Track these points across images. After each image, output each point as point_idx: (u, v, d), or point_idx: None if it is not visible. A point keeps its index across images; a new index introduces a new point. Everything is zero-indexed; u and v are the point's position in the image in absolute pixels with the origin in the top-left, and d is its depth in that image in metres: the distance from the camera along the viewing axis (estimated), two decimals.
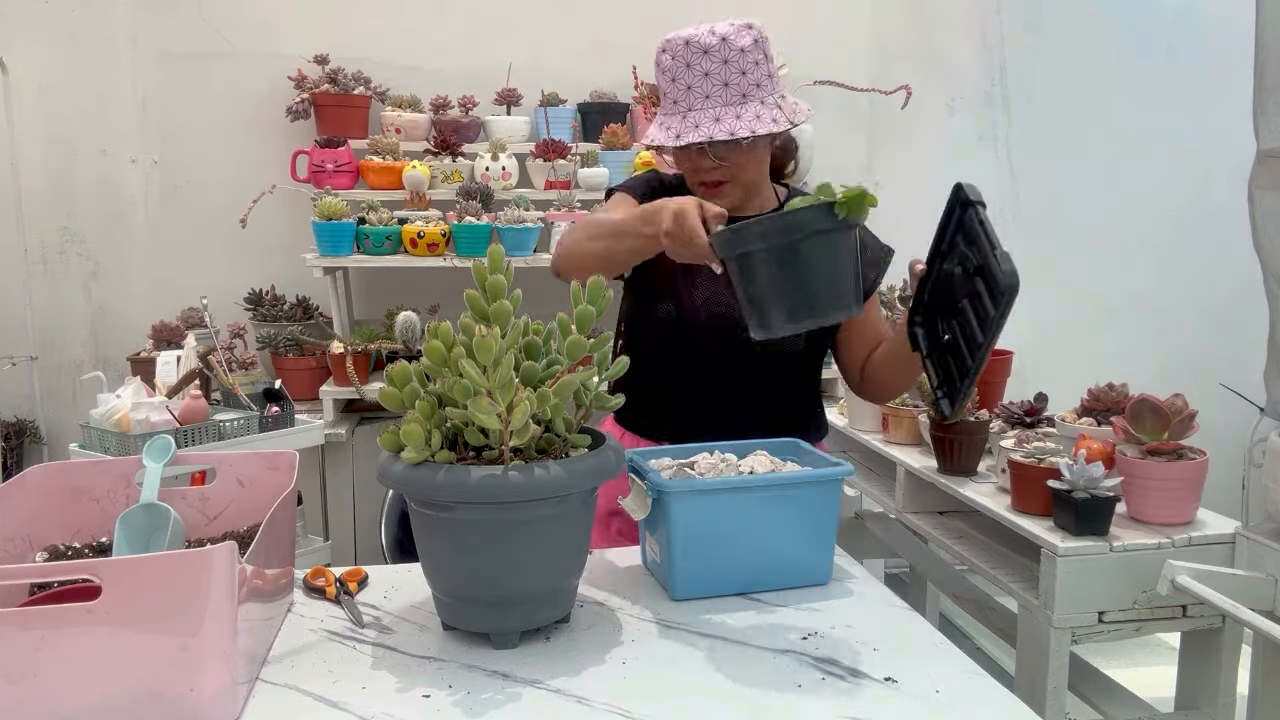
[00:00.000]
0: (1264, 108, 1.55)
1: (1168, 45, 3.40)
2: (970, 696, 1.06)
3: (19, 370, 3.04)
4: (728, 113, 1.51)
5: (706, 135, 1.50)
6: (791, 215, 1.18)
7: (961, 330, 1.35)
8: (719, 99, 1.51)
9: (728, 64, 1.51)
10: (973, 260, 1.31)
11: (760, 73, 1.52)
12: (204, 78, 3.04)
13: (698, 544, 1.28)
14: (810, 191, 1.35)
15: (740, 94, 1.51)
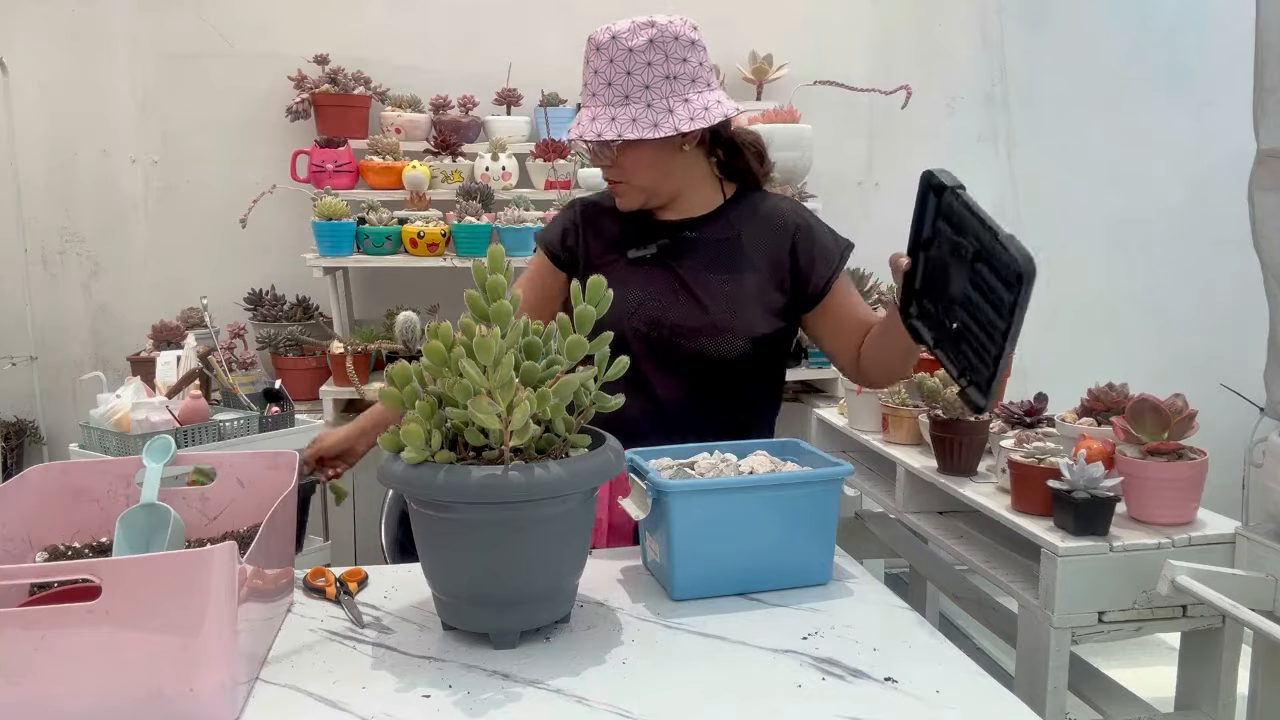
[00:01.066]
0: (1264, 108, 1.55)
1: (1168, 45, 3.40)
2: (970, 696, 1.06)
3: (19, 370, 3.04)
4: (605, 113, 1.52)
5: (578, 133, 1.51)
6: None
7: (975, 318, 1.31)
8: (603, 98, 1.52)
9: (614, 63, 1.51)
10: (968, 247, 1.29)
11: (654, 74, 1.50)
12: (204, 78, 3.04)
13: (698, 544, 1.28)
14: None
15: (623, 95, 1.51)
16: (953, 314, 1.35)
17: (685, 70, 1.52)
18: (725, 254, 1.63)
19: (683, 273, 1.62)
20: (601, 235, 1.67)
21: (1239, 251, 1.83)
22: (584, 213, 1.70)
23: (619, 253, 1.64)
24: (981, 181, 3.40)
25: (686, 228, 1.64)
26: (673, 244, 1.63)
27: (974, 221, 1.27)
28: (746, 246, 1.64)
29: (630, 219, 1.66)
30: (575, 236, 1.68)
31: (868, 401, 2.20)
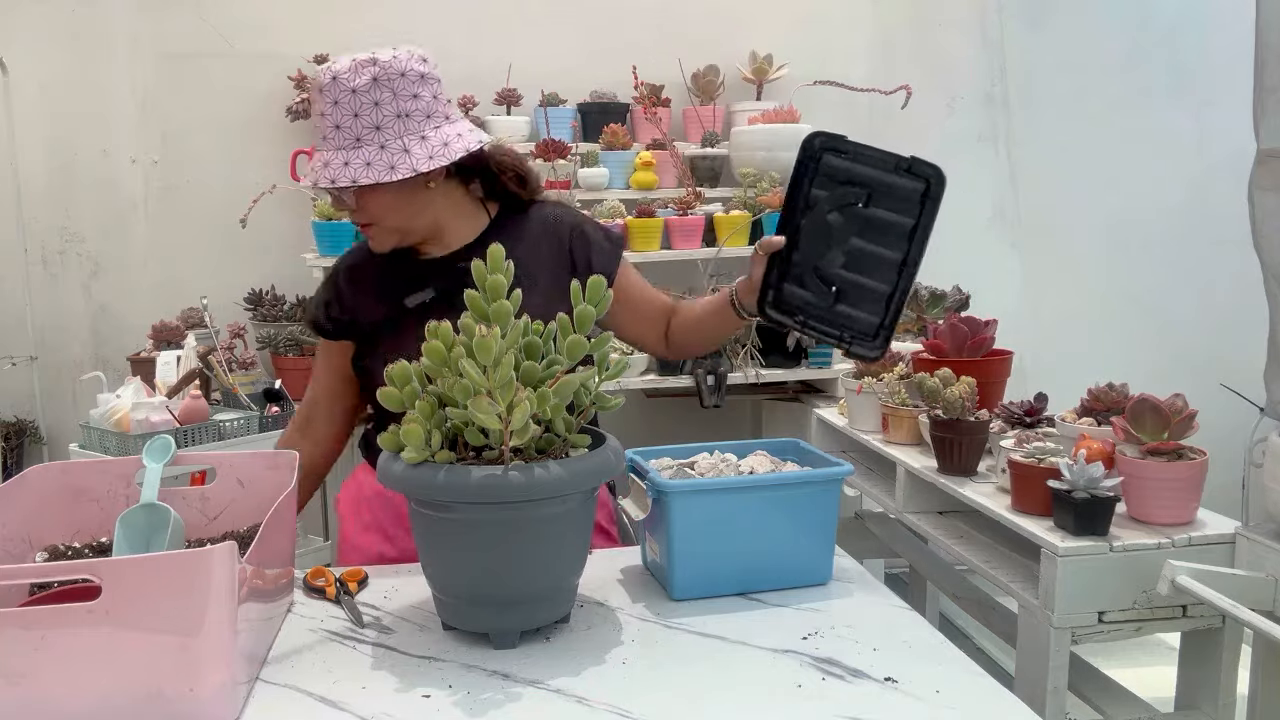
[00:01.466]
0: (1264, 108, 1.55)
1: (1168, 45, 3.40)
2: (970, 696, 1.06)
3: (19, 370, 3.04)
4: (337, 158, 1.42)
5: (312, 180, 1.44)
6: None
7: (860, 269, 1.37)
8: (333, 141, 1.43)
9: (338, 105, 1.41)
10: (857, 194, 1.35)
11: (383, 114, 1.41)
12: (204, 78, 3.04)
13: (698, 544, 1.28)
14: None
15: (354, 137, 1.42)
16: (830, 279, 1.39)
17: (418, 106, 1.43)
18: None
19: (462, 305, 1.55)
20: (370, 291, 1.59)
21: (1239, 251, 1.83)
22: (346, 276, 1.62)
23: (394, 302, 1.56)
24: (981, 182, 3.40)
25: (458, 259, 1.56)
26: (449, 282, 1.54)
27: (865, 166, 1.35)
28: (524, 263, 1.55)
29: (399, 265, 1.58)
30: (339, 306, 1.61)
31: (868, 401, 2.20)
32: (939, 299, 2.60)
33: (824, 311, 1.42)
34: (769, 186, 2.90)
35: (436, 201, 1.53)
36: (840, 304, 1.40)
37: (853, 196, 1.36)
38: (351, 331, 1.61)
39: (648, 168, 3.03)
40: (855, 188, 1.36)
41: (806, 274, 1.42)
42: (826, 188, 1.39)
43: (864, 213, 1.36)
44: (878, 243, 1.36)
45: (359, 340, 1.61)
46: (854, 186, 1.36)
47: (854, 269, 1.38)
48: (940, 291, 2.62)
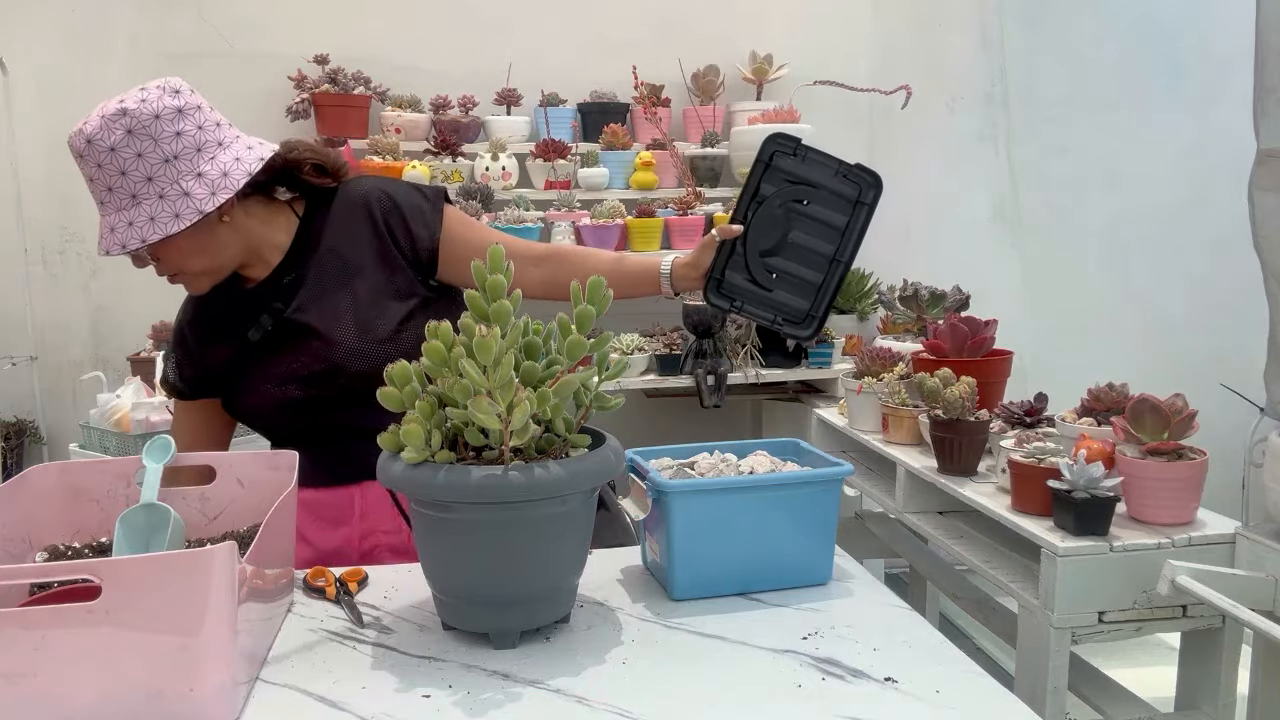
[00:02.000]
0: (1264, 108, 1.55)
1: (1168, 45, 3.40)
2: (970, 696, 1.06)
3: (19, 370, 3.04)
4: (120, 219, 1.39)
5: (104, 250, 1.39)
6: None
7: (799, 260, 1.54)
8: (112, 205, 1.39)
9: (102, 168, 1.37)
10: (799, 192, 1.52)
11: (150, 164, 1.36)
12: (204, 78, 3.02)
13: (698, 544, 1.28)
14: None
15: (129, 195, 1.38)
16: (771, 266, 1.54)
17: (184, 145, 1.38)
18: (331, 274, 1.52)
19: (307, 320, 1.50)
20: (213, 337, 1.55)
21: (1239, 251, 1.83)
22: (189, 331, 1.57)
23: (236, 340, 1.52)
24: (981, 181, 3.41)
25: (281, 275, 1.52)
26: (282, 303, 1.51)
27: (812, 167, 1.52)
28: (344, 251, 1.53)
29: (230, 301, 1.54)
30: (189, 364, 1.56)
31: (868, 401, 2.20)
32: (939, 299, 2.60)
33: (761, 297, 1.56)
34: None
35: (240, 228, 1.47)
36: (777, 291, 1.56)
37: (797, 194, 1.52)
38: (209, 385, 1.56)
39: (648, 168, 3.03)
40: (800, 186, 1.53)
41: (751, 262, 1.55)
42: (775, 184, 1.54)
43: (804, 209, 1.53)
44: (814, 236, 1.53)
45: (219, 390, 1.56)
46: (799, 185, 1.53)
47: (791, 259, 1.55)
48: (940, 291, 2.62)
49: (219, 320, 1.55)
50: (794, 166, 1.53)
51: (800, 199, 1.52)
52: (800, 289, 1.55)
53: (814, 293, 1.55)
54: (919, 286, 2.64)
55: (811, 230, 1.53)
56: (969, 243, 3.36)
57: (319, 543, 1.55)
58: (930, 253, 3.30)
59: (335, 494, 1.54)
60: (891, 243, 3.33)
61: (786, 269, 1.55)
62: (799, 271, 1.54)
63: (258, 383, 1.52)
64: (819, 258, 1.54)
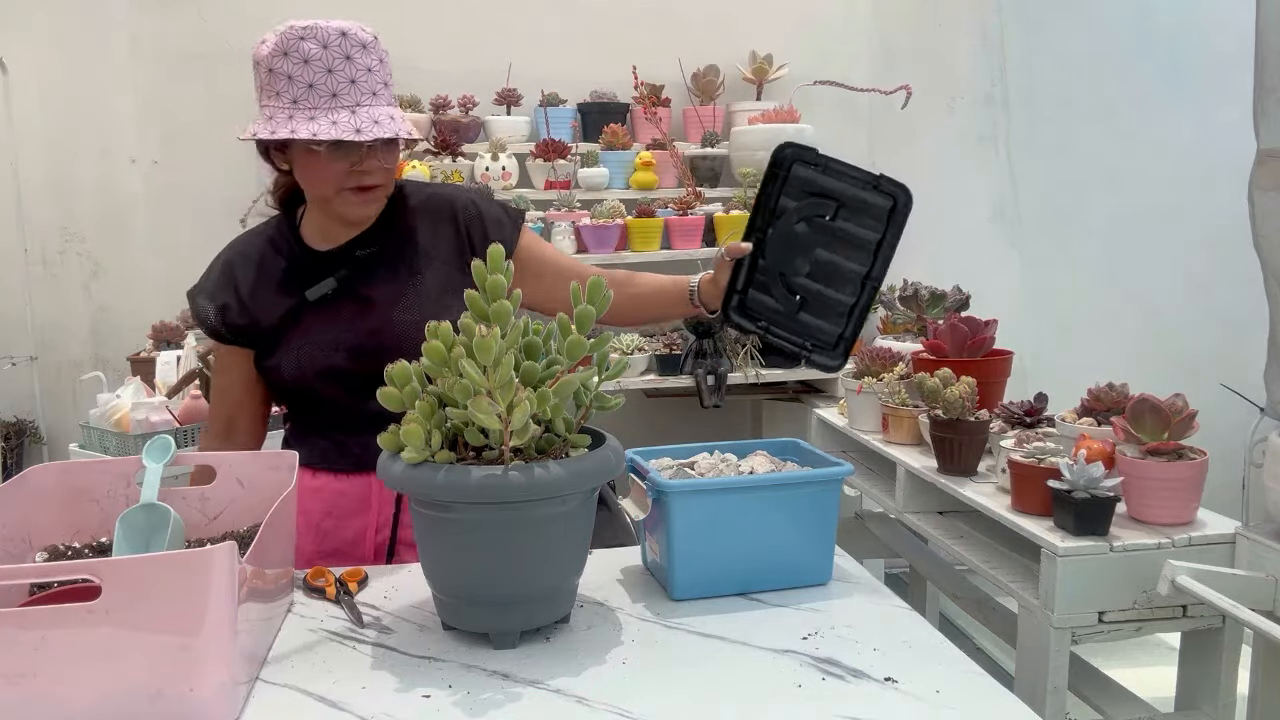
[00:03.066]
0: (1264, 108, 1.55)
1: (1168, 45, 3.40)
2: (970, 696, 1.06)
3: (19, 370, 3.05)
4: (396, 112, 1.45)
5: (393, 131, 1.42)
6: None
7: (827, 279, 1.40)
8: (383, 98, 1.46)
9: (383, 64, 1.46)
10: (829, 206, 1.37)
11: (386, 74, 1.48)
12: (204, 78, 3.04)
13: (698, 544, 1.28)
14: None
15: (393, 95, 1.50)
16: (795, 288, 1.41)
17: (389, 72, 1.51)
18: (404, 260, 1.55)
19: (371, 295, 1.53)
20: (269, 287, 1.55)
21: (1239, 251, 1.83)
22: (240, 273, 1.56)
23: (294, 297, 1.53)
24: (981, 181, 3.40)
25: (356, 246, 1.55)
26: (351, 271, 1.53)
27: (835, 179, 1.38)
28: (421, 244, 1.57)
29: (295, 257, 1.55)
30: (238, 308, 1.55)
31: (868, 401, 2.20)
32: (939, 299, 2.60)
33: (787, 320, 1.44)
34: None
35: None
36: (803, 313, 1.43)
37: (821, 209, 1.39)
38: (251, 336, 1.55)
39: (648, 168, 3.03)
40: (824, 200, 1.39)
41: (772, 281, 1.44)
42: (796, 198, 1.42)
43: (831, 225, 1.39)
44: (843, 255, 1.39)
45: (260, 343, 1.55)
46: (823, 199, 1.39)
47: (818, 280, 1.41)
48: (940, 291, 2.61)
49: (278, 273, 1.55)
50: (815, 177, 1.41)
51: (824, 213, 1.40)
52: (831, 311, 1.42)
53: (845, 315, 1.42)
54: (919, 286, 2.64)
55: (841, 247, 1.40)
56: (969, 243, 3.36)
57: (334, 532, 1.54)
58: (930, 253, 3.29)
59: (355, 482, 1.54)
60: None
61: (815, 290, 1.42)
62: (829, 293, 1.41)
63: (305, 344, 1.51)
64: (851, 277, 1.40)
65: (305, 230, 1.59)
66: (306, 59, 1.39)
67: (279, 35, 1.41)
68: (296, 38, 1.39)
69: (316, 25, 1.40)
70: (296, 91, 1.40)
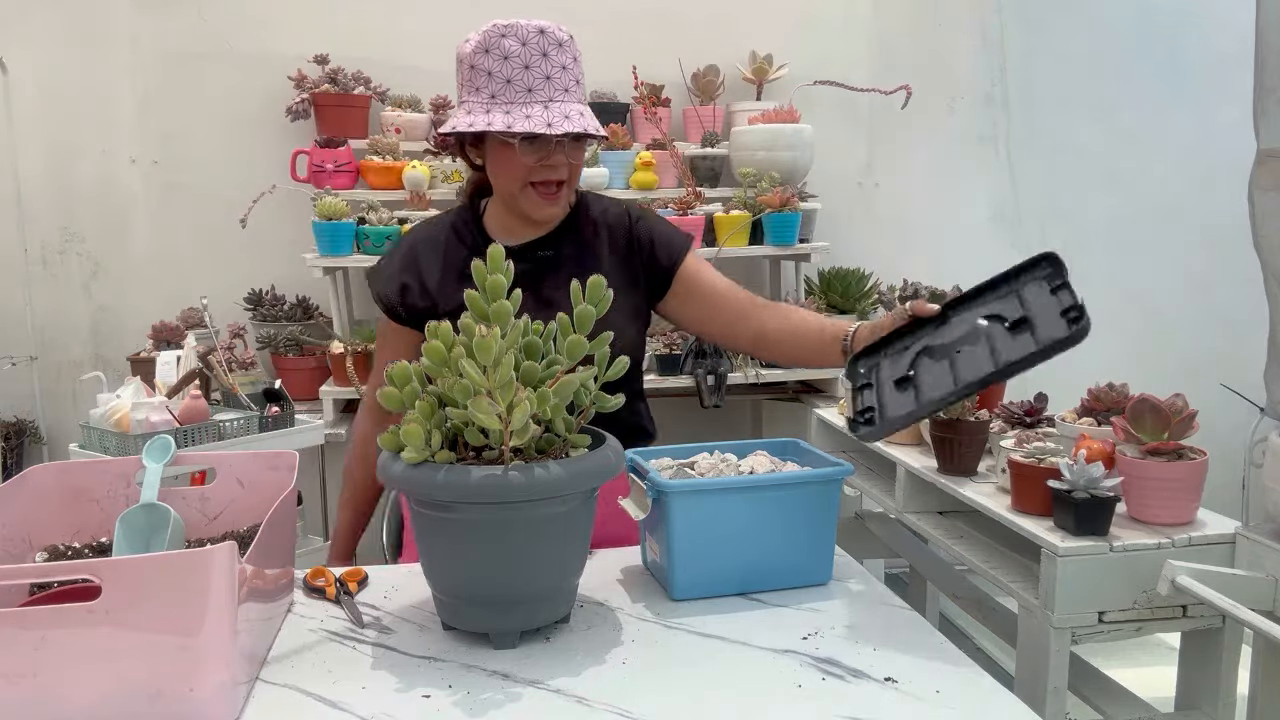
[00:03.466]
0: (1264, 108, 1.55)
1: (1168, 45, 3.40)
2: (970, 696, 1.06)
3: (19, 370, 3.04)
4: (586, 110, 1.49)
5: (581, 127, 1.45)
6: None
7: (946, 369, 1.27)
8: (575, 95, 1.48)
9: (576, 62, 1.50)
10: (1013, 314, 1.26)
11: (579, 71, 1.51)
12: (204, 78, 3.04)
13: (698, 544, 1.28)
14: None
15: (584, 93, 1.52)
16: (916, 363, 1.32)
17: (581, 70, 1.53)
18: (583, 266, 1.58)
19: (548, 294, 1.56)
20: (452, 275, 1.59)
21: (1239, 251, 1.83)
22: (424, 257, 1.60)
23: (474, 284, 1.58)
24: (981, 181, 3.40)
25: (539, 247, 1.59)
26: (529, 267, 1.56)
27: (1043, 294, 1.24)
28: (600, 254, 1.61)
29: (474, 248, 1.58)
30: (420, 291, 1.59)
31: None
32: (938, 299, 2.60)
33: (880, 385, 1.33)
34: (769, 186, 2.90)
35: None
36: (891, 388, 1.32)
37: (1009, 312, 1.27)
38: (427, 319, 1.57)
39: (648, 168, 3.03)
40: (1018, 307, 1.27)
41: (912, 351, 1.34)
42: (1007, 296, 1.31)
43: (1003, 331, 1.27)
44: (976, 356, 1.27)
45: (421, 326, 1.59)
46: (1019, 305, 1.27)
47: (941, 366, 1.29)
48: (940, 291, 2.61)
49: (459, 261, 1.59)
50: (1033, 294, 1.27)
51: (1009, 319, 1.26)
52: (914, 394, 1.29)
53: (923, 404, 1.27)
54: (919, 286, 2.64)
55: (981, 350, 1.26)
56: (969, 243, 3.36)
57: None
58: (930, 253, 3.30)
59: None
60: (891, 243, 3.33)
61: (923, 373, 1.30)
62: (933, 380, 1.28)
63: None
64: (960, 374, 1.26)
65: (488, 223, 1.63)
66: (506, 55, 1.46)
67: (482, 33, 1.49)
68: (498, 35, 1.47)
69: (517, 23, 1.48)
70: (495, 87, 1.47)
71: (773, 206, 2.86)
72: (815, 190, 3.08)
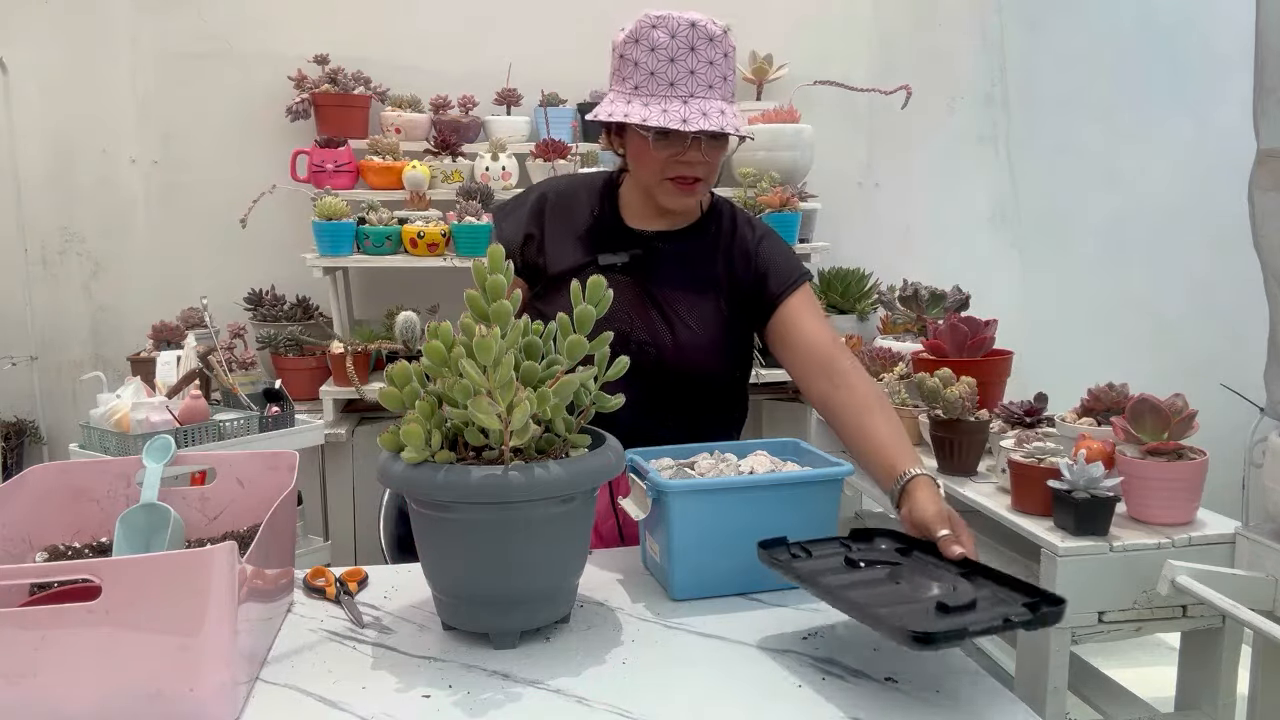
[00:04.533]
0: (1264, 108, 1.55)
1: (1168, 45, 3.40)
2: (970, 696, 1.06)
3: (19, 370, 3.04)
4: (729, 108, 1.47)
5: (719, 125, 1.43)
6: None
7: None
8: (719, 91, 1.47)
9: (727, 58, 1.47)
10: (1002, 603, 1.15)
11: (729, 68, 1.49)
12: (204, 78, 3.05)
13: (698, 544, 1.28)
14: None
15: (732, 90, 1.49)
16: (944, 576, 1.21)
17: (732, 66, 1.51)
18: (695, 268, 1.60)
19: (652, 286, 1.58)
20: (570, 236, 1.61)
21: (1239, 251, 1.83)
22: (552, 212, 1.61)
23: (589, 256, 1.59)
24: (981, 181, 3.40)
25: (660, 239, 1.61)
26: (645, 254, 1.59)
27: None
28: (715, 262, 1.62)
29: (599, 219, 1.61)
30: (538, 245, 1.60)
31: None
32: (939, 299, 2.59)
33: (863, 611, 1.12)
34: (769, 186, 2.90)
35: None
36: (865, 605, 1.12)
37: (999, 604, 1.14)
38: (537, 274, 1.60)
39: None
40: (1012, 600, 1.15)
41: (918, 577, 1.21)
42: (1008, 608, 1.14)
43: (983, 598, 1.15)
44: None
45: (539, 283, 1.60)
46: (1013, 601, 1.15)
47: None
48: (940, 291, 2.61)
49: (583, 227, 1.60)
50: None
51: (994, 598, 1.15)
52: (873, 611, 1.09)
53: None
54: (919, 286, 2.64)
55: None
56: (969, 243, 3.37)
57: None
58: (930, 253, 3.30)
59: None
60: (891, 243, 3.34)
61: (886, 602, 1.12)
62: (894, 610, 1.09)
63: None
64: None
65: (623, 199, 1.63)
66: (654, 46, 1.44)
67: (636, 22, 1.47)
68: (649, 25, 1.45)
69: (669, 15, 1.45)
70: (639, 78, 1.45)
71: (773, 206, 2.86)
72: (815, 190, 3.08)
